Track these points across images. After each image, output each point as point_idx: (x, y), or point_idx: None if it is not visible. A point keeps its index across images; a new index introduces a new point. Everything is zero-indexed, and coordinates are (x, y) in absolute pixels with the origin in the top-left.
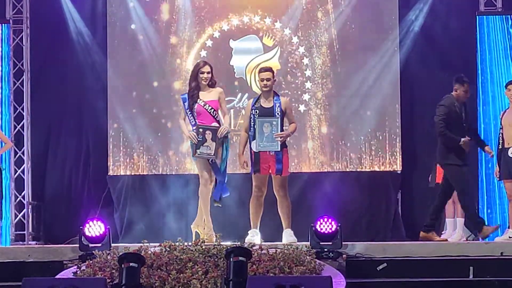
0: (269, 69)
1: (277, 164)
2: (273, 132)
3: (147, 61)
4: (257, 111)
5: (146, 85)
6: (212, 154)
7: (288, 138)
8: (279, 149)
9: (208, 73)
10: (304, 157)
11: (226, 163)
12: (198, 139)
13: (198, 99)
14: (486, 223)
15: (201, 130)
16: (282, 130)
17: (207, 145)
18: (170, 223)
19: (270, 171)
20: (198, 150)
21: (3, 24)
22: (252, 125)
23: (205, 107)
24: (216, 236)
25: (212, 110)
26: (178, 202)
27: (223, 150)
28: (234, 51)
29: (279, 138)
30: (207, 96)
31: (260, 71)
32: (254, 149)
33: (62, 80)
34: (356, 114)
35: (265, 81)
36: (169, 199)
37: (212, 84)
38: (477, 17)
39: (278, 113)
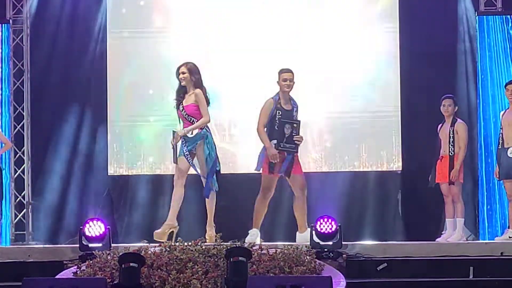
0: (291, 70)
1: (283, 166)
2: (293, 134)
3: (145, 60)
4: (280, 112)
5: (146, 85)
6: (174, 161)
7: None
8: (297, 151)
9: (183, 73)
10: (304, 157)
11: (213, 161)
12: (173, 145)
13: (180, 104)
14: (486, 223)
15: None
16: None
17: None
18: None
19: (281, 174)
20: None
21: (3, 24)
22: (273, 125)
23: (182, 112)
24: (215, 237)
25: (187, 115)
26: None
27: (205, 150)
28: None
29: (298, 141)
30: (187, 100)
31: (282, 72)
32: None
33: (62, 80)
34: (356, 114)
35: (288, 81)
36: (169, 199)
37: (195, 85)
38: (477, 17)
39: (296, 117)
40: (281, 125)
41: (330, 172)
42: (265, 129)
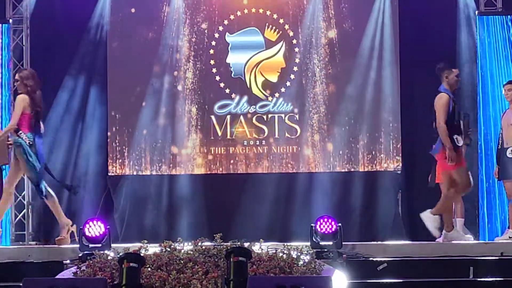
0: None
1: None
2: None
3: (145, 61)
4: (456, 106)
5: (146, 85)
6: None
7: (289, 135)
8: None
9: (16, 80)
10: (305, 157)
11: (35, 169)
12: None
13: None
14: (486, 223)
15: None
16: None
17: None
18: (170, 223)
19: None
20: None
21: (3, 24)
22: (453, 120)
23: None
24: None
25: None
26: (178, 202)
27: (23, 157)
28: (231, 47)
29: (471, 134)
30: None
31: (454, 68)
32: (460, 143)
33: (62, 80)
34: (356, 114)
35: (459, 77)
36: (169, 199)
37: (28, 91)
38: (477, 17)
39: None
40: (459, 119)
41: (330, 172)
42: None
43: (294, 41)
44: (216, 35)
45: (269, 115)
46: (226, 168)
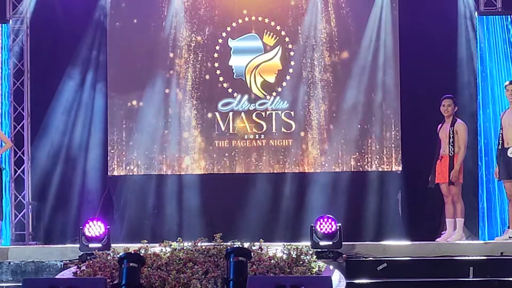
0: None
1: None
2: None
3: (146, 62)
4: None
5: (147, 85)
6: None
7: (286, 130)
8: None
9: None
10: (305, 157)
11: None
12: None
13: None
14: (486, 223)
15: None
16: None
17: None
18: (170, 223)
19: None
20: None
21: (3, 24)
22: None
23: None
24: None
25: None
26: (177, 202)
27: None
28: (233, 51)
29: None
30: None
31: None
32: None
33: (62, 80)
34: (356, 114)
35: None
36: (169, 199)
37: None
38: (477, 17)
39: None
40: None
41: (330, 172)
42: None
43: (290, 46)
44: (220, 41)
45: (267, 112)
46: (228, 162)
